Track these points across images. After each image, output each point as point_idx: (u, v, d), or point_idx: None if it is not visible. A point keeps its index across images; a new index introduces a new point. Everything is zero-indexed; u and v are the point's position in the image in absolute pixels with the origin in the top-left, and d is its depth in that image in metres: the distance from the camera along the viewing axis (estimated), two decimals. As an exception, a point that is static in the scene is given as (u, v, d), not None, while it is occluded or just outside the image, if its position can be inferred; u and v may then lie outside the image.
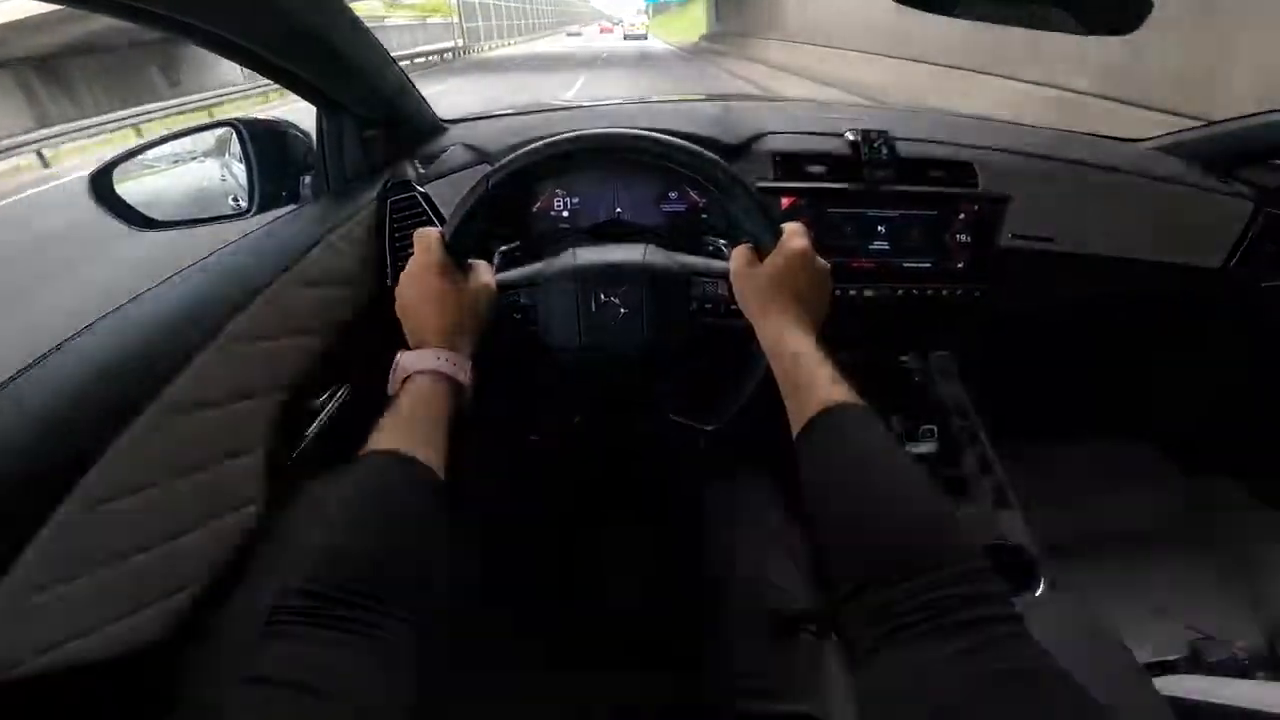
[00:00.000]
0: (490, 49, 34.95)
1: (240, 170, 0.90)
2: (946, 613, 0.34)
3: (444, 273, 0.58)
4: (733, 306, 0.63)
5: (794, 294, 0.58)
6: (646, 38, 41.16)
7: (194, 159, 0.93)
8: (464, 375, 0.56)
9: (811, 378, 0.51)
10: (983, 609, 0.34)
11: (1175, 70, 3.65)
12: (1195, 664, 0.80)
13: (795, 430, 0.50)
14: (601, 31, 60.90)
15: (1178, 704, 0.52)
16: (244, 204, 0.89)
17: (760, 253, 0.61)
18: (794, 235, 0.60)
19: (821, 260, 0.60)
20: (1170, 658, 0.82)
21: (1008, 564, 0.78)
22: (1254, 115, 1.09)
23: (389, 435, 0.47)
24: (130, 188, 0.83)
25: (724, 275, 0.64)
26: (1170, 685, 0.57)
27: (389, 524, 0.42)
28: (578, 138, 0.61)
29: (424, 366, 0.54)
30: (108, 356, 0.55)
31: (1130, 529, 0.96)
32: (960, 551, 0.37)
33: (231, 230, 0.84)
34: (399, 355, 0.55)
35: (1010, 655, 0.32)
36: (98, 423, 0.52)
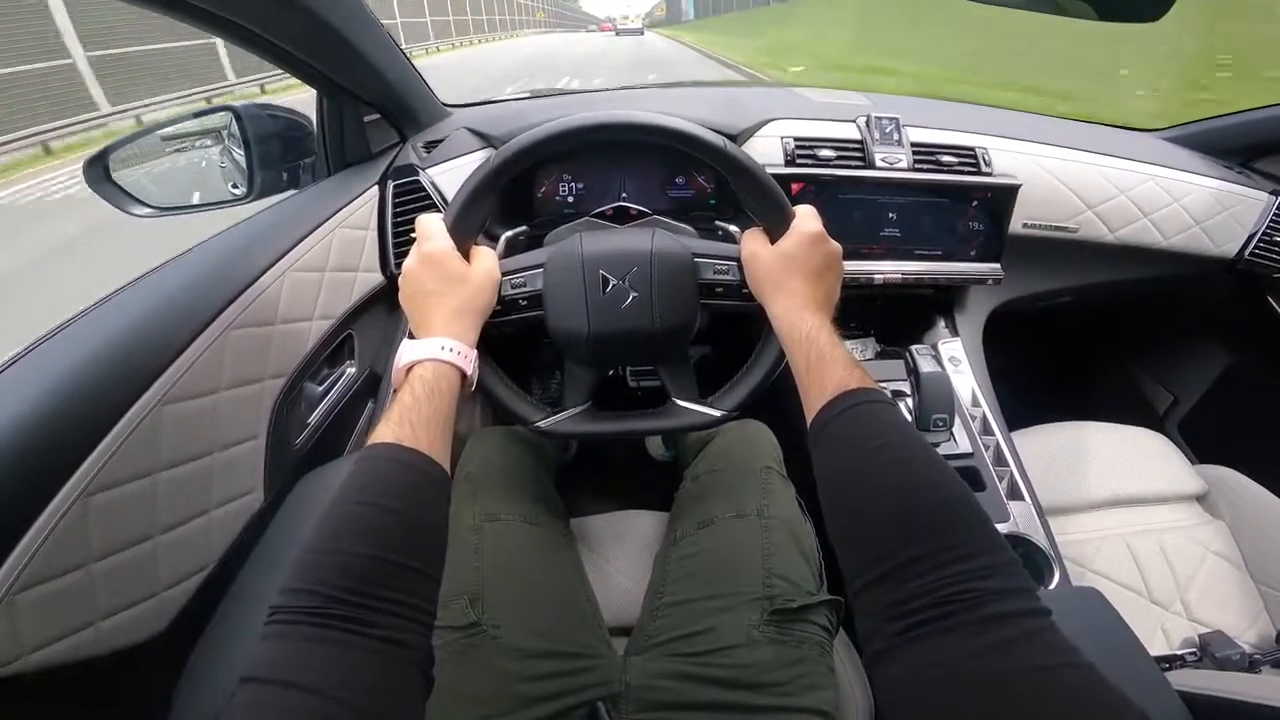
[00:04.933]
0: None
1: (239, 155, 0.89)
2: (970, 607, 0.32)
3: (446, 259, 0.57)
4: (743, 290, 0.62)
5: (806, 276, 0.57)
6: (643, 33, 40.06)
7: (192, 145, 0.92)
8: (468, 364, 0.54)
9: (826, 360, 0.50)
10: (1010, 603, 0.32)
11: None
12: (1203, 659, 0.79)
13: (809, 414, 0.49)
14: (601, 30, 59.07)
15: (1189, 698, 0.52)
16: (242, 189, 0.88)
17: (771, 235, 0.60)
18: (805, 217, 0.59)
19: (833, 242, 0.59)
20: (1179, 652, 0.81)
21: (1021, 557, 0.77)
22: (1272, 106, 1.08)
23: (393, 428, 0.46)
24: (127, 174, 0.81)
25: (734, 258, 0.63)
26: (1180, 680, 0.56)
27: (392, 520, 0.41)
28: (582, 120, 0.60)
29: (427, 356, 0.52)
30: (101, 343, 0.53)
31: (1140, 521, 0.95)
32: (985, 542, 0.36)
33: (230, 216, 0.83)
34: (401, 344, 0.54)
35: (1040, 652, 0.31)
36: (90, 413, 0.50)
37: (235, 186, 0.90)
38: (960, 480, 0.40)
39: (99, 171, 0.78)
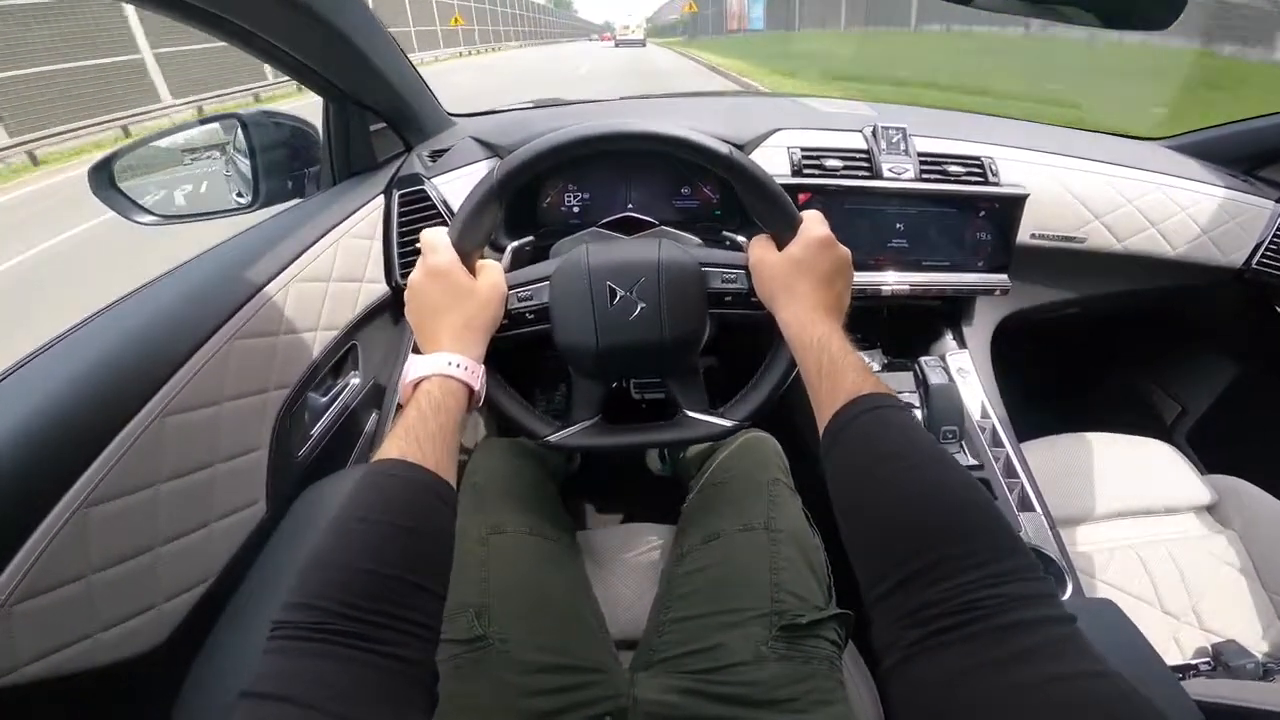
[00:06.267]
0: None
1: (245, 164, 0.89)
2: (992, 614, 0.31)
3: (452, 273, 0.57)
4: (752, 298, 0.61)
5: (816, 279, 0.56)
6: (644, 44, 38.13)
7: (198, 153, 0.92)
8: (475, 380, 0.54)
9: (838, 366, 0.49)
10: (1032, 610, 0.31)
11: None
12: (1217, 668, 0.78)
13: (821, 421, 0.48)
14: (602, 39, 56.64)
15: (1206, 707, 0.51)
16: (247, 198, 0.88)
17: (779, 242, 0.60)
18: (813, 222, 0.59)
19: (842, 247, 0.58)
20: (1193, 662, 0.80)
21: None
22: (1275, 114, 1.08)
23: (398, 443, 0.46)
24: (133, 181, 0.81)
25: (741, 266, 0.62)
26: (1195, 689, 0.56)
27: (397, 536, 0.40)
28: (588, 129, 0.59)
29: (435, 371, 0.52)
30: (101, 354, 0.53)
31: (1150, 532, 0.95)
32: (1005, 547, 0.35)
33: (233, 225, 0.82)
34: (408, 359, 0.54)
35: (1063, 660, 0.29)
36: (91, 424, 0.50)
37: (240, 195, 0.90)
38: (978, 485, 0.39)
39: (104, 178, 0.78)
